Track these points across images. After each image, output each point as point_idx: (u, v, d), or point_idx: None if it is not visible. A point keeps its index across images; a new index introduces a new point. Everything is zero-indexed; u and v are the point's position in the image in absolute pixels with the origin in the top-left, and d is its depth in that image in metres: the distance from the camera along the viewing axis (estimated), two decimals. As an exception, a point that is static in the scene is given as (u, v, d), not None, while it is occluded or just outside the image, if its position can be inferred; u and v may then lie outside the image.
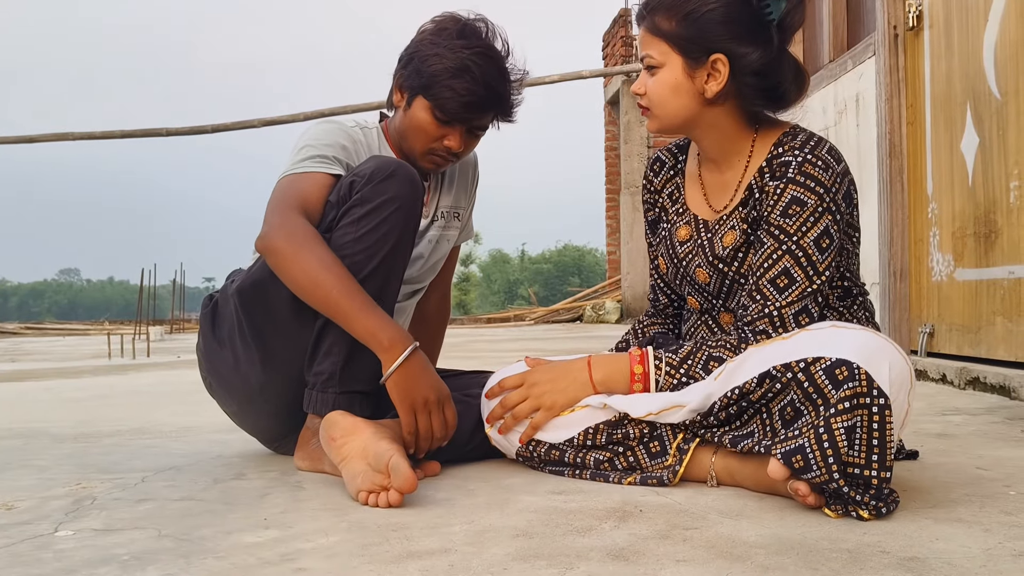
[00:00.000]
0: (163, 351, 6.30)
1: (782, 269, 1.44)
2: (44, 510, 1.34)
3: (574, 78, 8.43)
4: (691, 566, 1.01)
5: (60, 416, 2.55)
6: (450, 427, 1.53)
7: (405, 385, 1.48)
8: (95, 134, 8.44)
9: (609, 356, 1.53)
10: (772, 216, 1.45)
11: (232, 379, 1.68)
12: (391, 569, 1.02)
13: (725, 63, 1.46)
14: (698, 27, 1.45)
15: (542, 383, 1.51)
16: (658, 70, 1.50)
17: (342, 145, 1.68)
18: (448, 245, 1.90)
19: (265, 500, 1.39)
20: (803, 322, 1.43)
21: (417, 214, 1.61)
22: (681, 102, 1.50)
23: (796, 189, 1.44)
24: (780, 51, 1.48)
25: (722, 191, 1.58)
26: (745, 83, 1.47)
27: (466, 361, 4.22)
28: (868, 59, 3.71)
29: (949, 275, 3.04)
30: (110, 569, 1.04)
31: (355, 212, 1.55)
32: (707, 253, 1.56)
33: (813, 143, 1.47)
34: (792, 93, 1.51)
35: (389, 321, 1.51)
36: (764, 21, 1.45)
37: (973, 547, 1.06)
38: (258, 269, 1.61)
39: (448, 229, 1.87)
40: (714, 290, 1.57)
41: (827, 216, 1.44)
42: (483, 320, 12.15)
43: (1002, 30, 2.71)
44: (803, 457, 1.21)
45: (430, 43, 1.68)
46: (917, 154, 3.29)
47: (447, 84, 1.64)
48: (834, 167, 1.45)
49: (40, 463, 1.76)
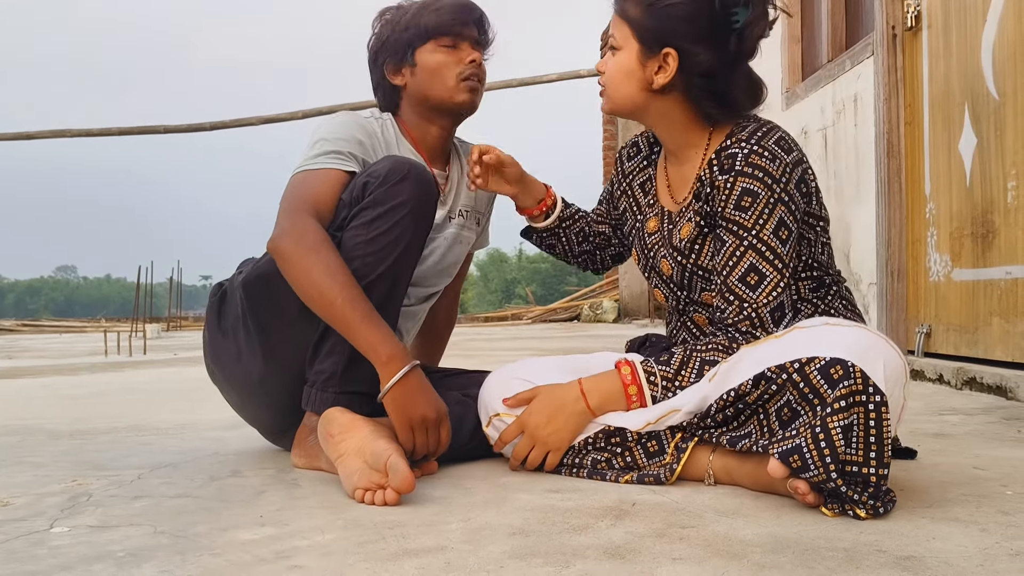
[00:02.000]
0: (160, 348, 6.29)
1: (749, 266, 1.44)
2: (40, 507, 1.34)
3: (572, 77, 8.44)
4: (687, 564, 1.01)
5: (56, 413, 2.55)
6: (442, 446, 1.51)
7: (402, 402, 1.46)
8: (93, 131, 8.43)
9: (600, 379, 1.49)
10: (727, 211, 1.46)
11: (234, 370, 1.68)
12: (387, 567, 1.02)
13: (675, 58, 1.49)
14: (658, 18, 1.49)
15: (541, 426, 1.48)
16: (618, 52, 1.55)
17: (358, 140, 1.67)
18: (464, 248, 1.88)
19: (261, 497, 1.39)
20: (777, 316, 1.44)
21: (429, 217, 1.61)
22: (630, 87, 1.54)
23: (745, 180, 1.45)
24: (735, 59, 1.49)
25: (682, 184, 1.60)
26: (692, 83, 1.50)
27: (464, 360, 4.22)
28: (866, 59, 3.71)
29: (946, 275, 3.05)
30: (105, 566, 1.04)
31: (367, 214, 1.54)
32: (667, 244, 1.59)
33: (760, 134, 1.47)
34: (744, 102, 1.53)
35: (390, 336, 1.49)
36: (724, 26, 1.46)
37: (970, 546, 1.06)
38: (266, 263, 1.61)
39: (465, 230, 1.86)
40: (677, 281, 1.59)
41: (780, 207, 1.44)
42: (481, 319, 12.15)
43: (1000, 30, 2.71)
44: (800, 457, 1.21)
45: (388, 23, 1.75)
46: (915, 154, 3.29)
47: (430, 13, 1.72)
48: (782, 157, 1.45)
49: (36, 460, 1.75)
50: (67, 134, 8.27)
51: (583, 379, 1.49)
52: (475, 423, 1.61)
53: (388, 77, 1.76)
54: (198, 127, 8.44)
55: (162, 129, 8.43)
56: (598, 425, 1.46)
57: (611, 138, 10.61)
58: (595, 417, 1.47)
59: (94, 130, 8.44)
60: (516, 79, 8.09)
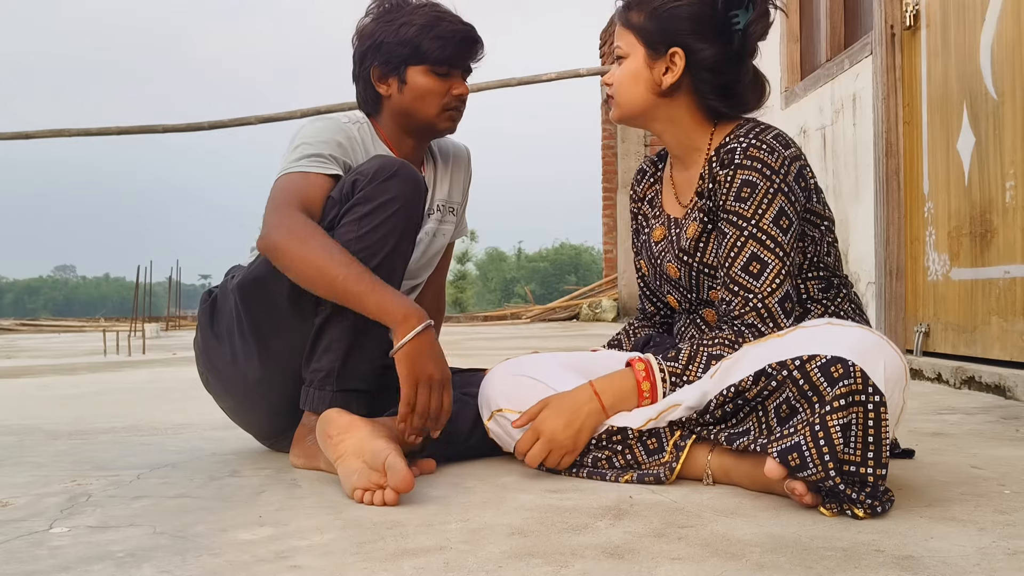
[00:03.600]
0: (159, 348, 6.29)
1: (750, 255, 1.46)
2: (39, 507, 1.34)
3: (571, 76, 8.43)
4: (686, 564, 1.01)
5: (55, 413, 2.55)
6: (445, 412, 1.51)
7: (414, 357, 1.46)
8: (91, 130, 8.42)
9: (613, 378, 1.49)
10: (727, 203, 1.49)
11: (230, 374, 1.68)
12: (386, 567, 1.02)
13: (682, 56, 1.53)
14: (663, 21, 1.53)
15: (559, 431, 1.46)
16: (624, 60, 1.58)
17: (338, 142, 1.68)
18: (444, 240, 1.90)
19: (260, 497, 1.39)
20: (788, 307, 1.45)
21: (419, 214, 1.62)
22: (639, 91, 1.56)
23: (744, 172, 1.48)
24: (740, 54, 1.54)
25: (688, 188, 1.62)
26: (700, 78, 1.54)
27: (463, 359, 4.22)
28: (865, 58, 3.71)
29: (945, 274, 3.05)
30: (105, 566, 1.04)
31: (357, 211, 1.55)
32: (675, 248, 1.60)
33: (758, 130, 1.52)
34: (749, 97, 1.57)
35: (402, 297, 1.51)
36: (727, 26, 1.52)
37: (968, 546, 1.07)
38: (259, 265, 1.61)
39: (444, 223, 1.88)
40: (685, 283, 1.60)
41: (780, 196, 1.47)
42: (480, 318, 12.15)
43: (999, 30, 2.71)
44: (799, 455, 1.22)
45: (387, 23, 1.72)
46: (913, 153, 3.29)
47: (432, 39, 1.69)
48: (780, 151, 1.49)
49: (35, 460, 1.75)
50: (65, 133, 8.26)
51: (594, 380, 1.49)
52: (473, 421, 1.61)
53: (373, 82, 1.75)
54: (196, 126, 8.43)
55: (160, 129, 8.42)
56: (603, 425, 1.47)
57: (610, 137, 10.61)
58: (608, 416, 1.47)
59: (92, 129, 8.43)
60: (515, 78, 8.08)
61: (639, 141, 9.33)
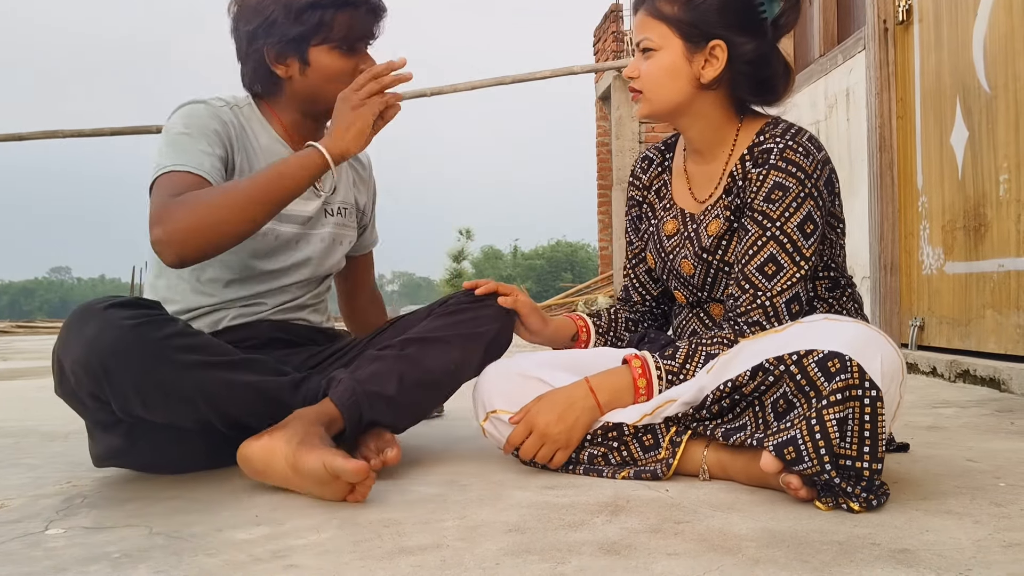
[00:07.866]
0: (155, 349, 6.27)
1: (768, 256, 1.46)
2: (35, 508, 1.34)
3: (565, 73, 8.42)
4: (683, 559, 1.01)
5: (51, 414, 2.54)
6: None
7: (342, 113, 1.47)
8: (85, 131, 8.40)
9: (609, 375, 1.48)
10: (756, 202, 1.48)
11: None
12: (383, 565, 1.02)
13: (724, 49, 1.50)
14: (699, 12, 1.50)
15: (552, 424, 1.45)
16: (655, 53, 1.53)
17: (214, 129, 1.58)
18: (342, 249, 1.79)
19: (256, 497, 1.38)
20: (794, 310, 1.45)
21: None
22: (677, 85, 1.53)
23: (778, 175, 1.47)
24: (772, 45, 1.54)
25: (706, 182, 1.60)
26: (740, 71, 1.52)
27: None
28: (858, 53, 3.72)
29: (939, 268, 3.05)
30: (101, 567, 1.04)
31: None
32: (694, 245, 1.58)
33: (794, 131, 1.51)
34: (781, 87, 1.56)
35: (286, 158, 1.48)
36: (759, 16, 1.51)
37: (963, 539, 1.07)
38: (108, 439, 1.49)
39: (346, 229, 1.78)
40: (698, 282, 1.59)
41: (809, 201, 1.47)
42: (476, 316, 12.13)
43: (991, 24, 2.72)
44: (795, 448, 1.22)
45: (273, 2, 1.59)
46: (907, 148, 3.30)
47: (334, 13, 1.58)
48: (814, 154, 1.49)
49: (31, 461, 1.75)
50: (59, 135, 8.24)
51: (589, 377, 1.49)
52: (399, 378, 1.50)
53: (269, 63, 1.63)
54: (191, 126, 8.41)
55: (155, 129, 8.39)
56: (598, 422, 1.47)
57: (604, 134, 10.61)
58: (604, 413, 1.46)
59: (86, 131, 8.40)
60: (510, 76, 8.07)
61: (633, 138, 9.33)
